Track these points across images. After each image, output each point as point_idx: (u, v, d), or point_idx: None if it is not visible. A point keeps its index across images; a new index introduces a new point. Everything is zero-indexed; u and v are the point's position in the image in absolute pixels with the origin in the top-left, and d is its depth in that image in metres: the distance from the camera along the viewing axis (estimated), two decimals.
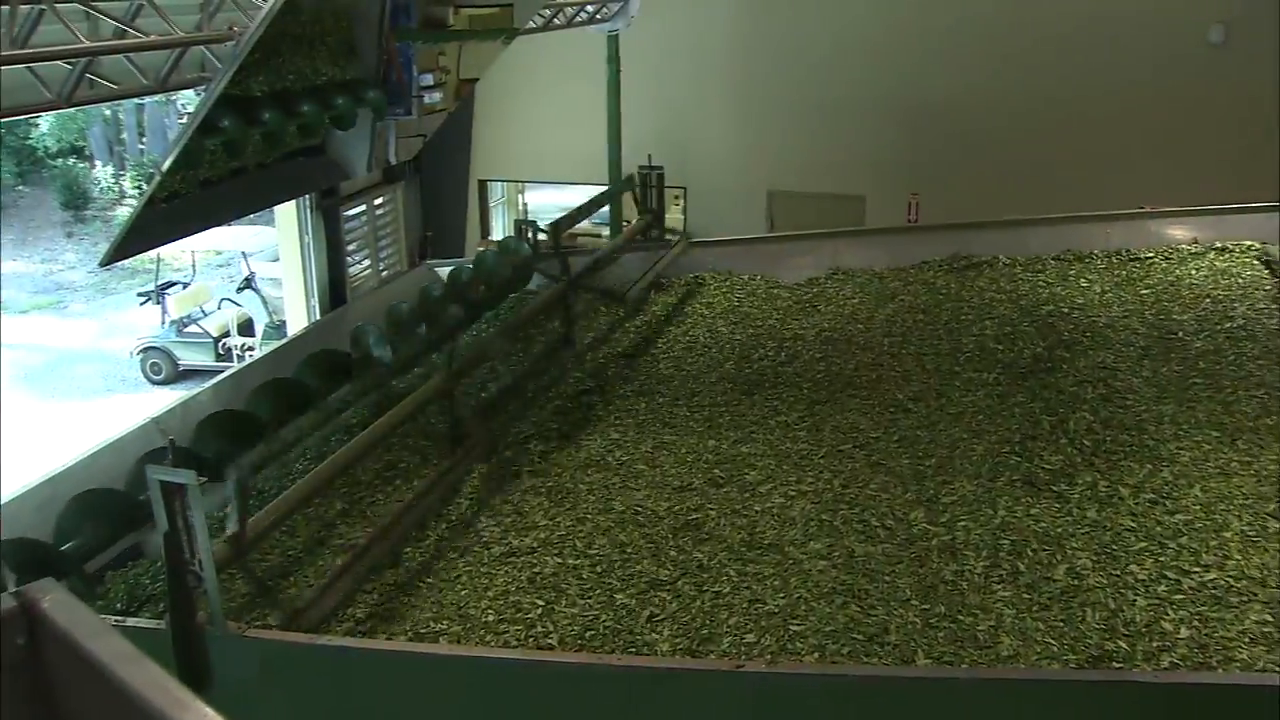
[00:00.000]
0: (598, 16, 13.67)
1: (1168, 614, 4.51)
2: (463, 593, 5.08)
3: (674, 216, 16.91)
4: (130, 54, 6.09)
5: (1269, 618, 4.43)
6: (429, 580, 5.24)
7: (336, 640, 4.64)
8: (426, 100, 10.45)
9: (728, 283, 9.07)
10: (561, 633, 4.71)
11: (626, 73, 14.58)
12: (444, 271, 9.49)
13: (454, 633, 4.80)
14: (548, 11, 12.46)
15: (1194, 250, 8.88)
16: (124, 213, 24.50)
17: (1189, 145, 16.14)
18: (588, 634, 4.69)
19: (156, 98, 12.69)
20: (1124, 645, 4.36)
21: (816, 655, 4.41)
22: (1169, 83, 16.21)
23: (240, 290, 17.90)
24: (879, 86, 16.80)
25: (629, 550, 5.27)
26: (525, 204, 19.13)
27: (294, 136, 8.06)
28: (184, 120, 7.55)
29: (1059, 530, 5.15)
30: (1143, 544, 5.00)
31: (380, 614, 5.00)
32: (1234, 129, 16.14)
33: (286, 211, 11.69)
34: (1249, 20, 16.02)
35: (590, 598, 4.93)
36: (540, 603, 4.93)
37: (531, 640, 4.69)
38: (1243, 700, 3.81)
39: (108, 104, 11.27)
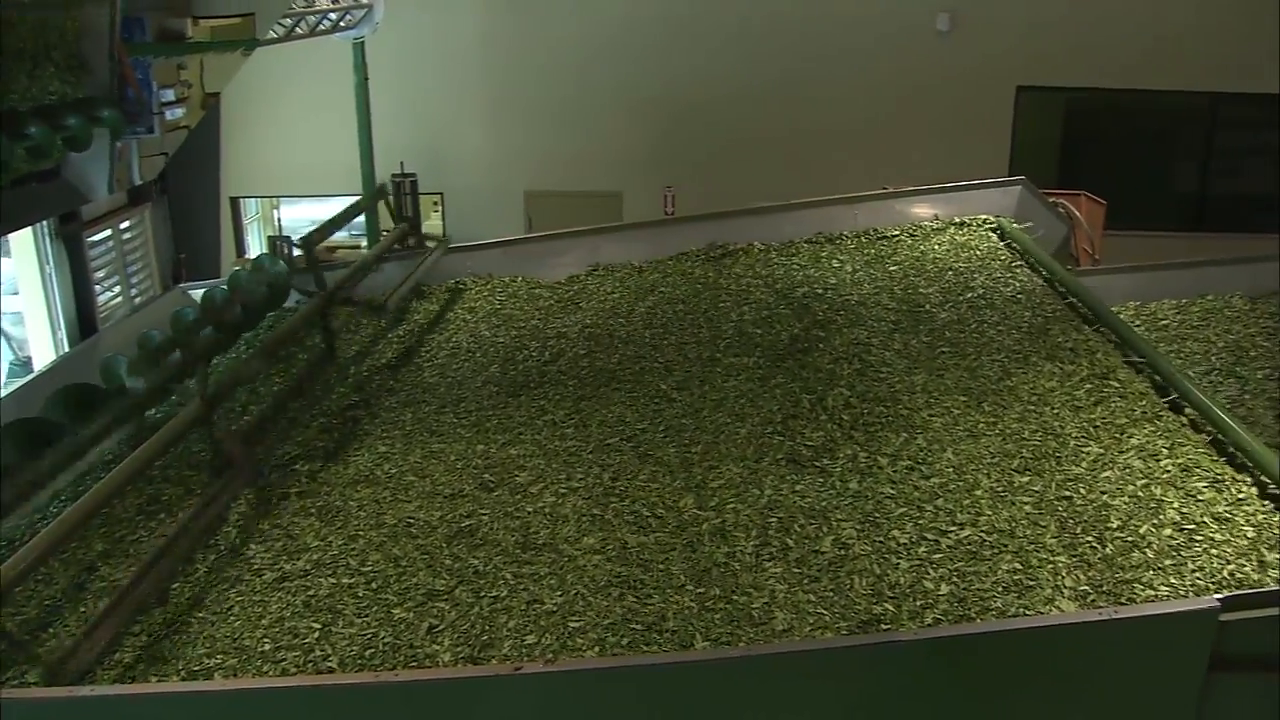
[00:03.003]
0: (341, 24, 13.43)
1: (929, 573, 4.72)
2: (236, 624, 4.88)
3: (434, 223, 16.83)
4: None
5: (1018, 566, 4.71)
6: (200, 615, 5.01)
7: (101, 690, 4.39)
8: (169, 116, 10.08)
9: (489, 286, 9.02)
10: (341, 654, 4.59)
11: (376, 80, 14.41)
12: (198, 294, 9.16)
13: (229, 666, 4.61)
14: (289, 20, 12.16)
15: (936, 226, 9.28)
16: None
17: (925, 128, 16.99)
18: (368, 653, 4.59)
19: None
20: (890, 608, 4.53)
21: (597, 650, 4.43)
22: (902, 70, 17.04)
23: None
24: (629, 83, 17.10)
25: (404, 563, 5.18)
26: (280, 219, 18.67)
27: (23, 160, 7.65)
28: None
29: (824, 504, 5.31)
30: (903, 509, 5.21)
31: (149, 656, 4.76)
32: (965, 111, 17.05)
33: (23, 240, 11.15)
34: (972, 8, 16.93)
35: (368, 615, 4.83)
36: (317, 626, 4.79)
37: (310, 665, 4.55)
38: (999, 645, 4.02)
39: None
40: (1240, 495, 5.17)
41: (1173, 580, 4.59)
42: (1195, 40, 16.93)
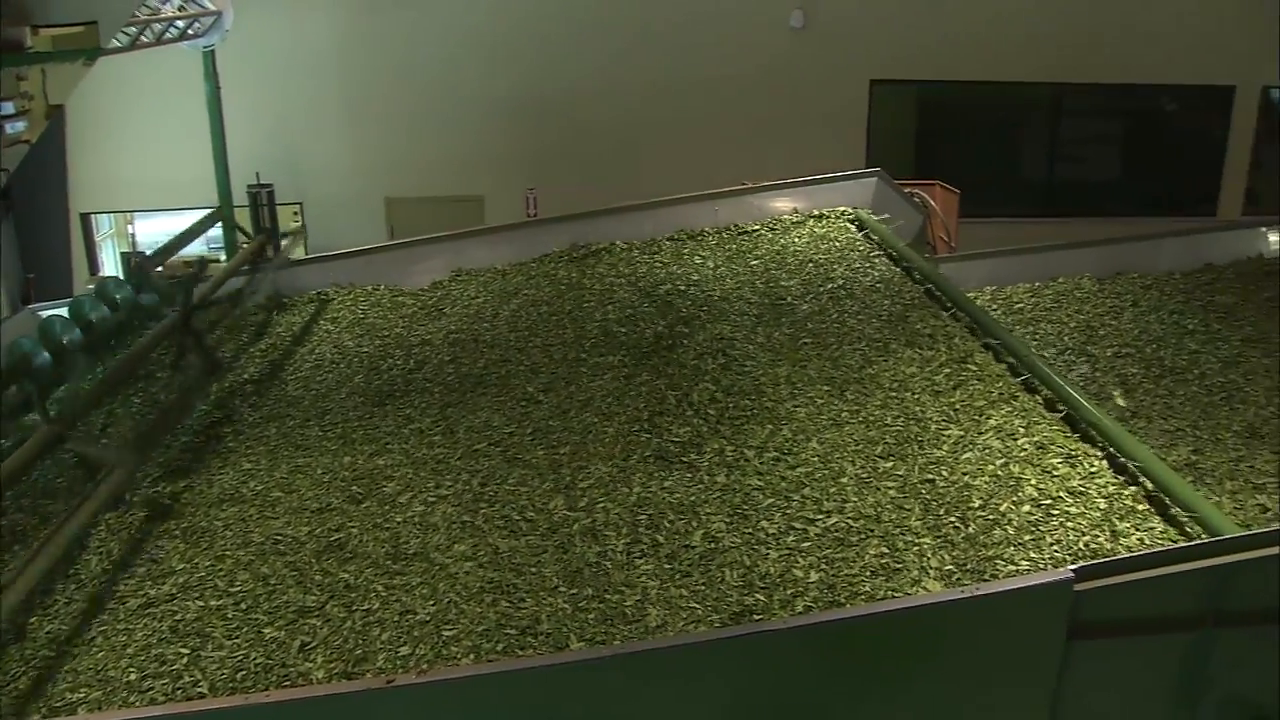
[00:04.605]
0: (189, 32, 13.06)
1: (798, 562, 4.78)
2: (99, 655, 4.74)
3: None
4: None
5: (885, 550, 4.80)
6: (60, 647, 4.86)
7: None
8: (9, 130, 9.73)
9: (351, 295, 8.88)
10: (211, 679, 4.49)
11: (230, 88, 14.01)
12: (49, 315, 8.84)
13: (94, 700, 4.46)
14: (134, 29, 11.79)
15: (795, 220, 9.40)
16: None
17: (782, 123, 17.20)
18: (239, 675, 4.49)
19: None
20: (762, 598, 4.58)
21: (472, 656, 4.41)
22: (758, 67, 17.25)
23: None
24: (488, 86, 17.04)
25: (273, 581, 5.08)
26: (134, 235, 18.16)
27: None
28: None
29: (692, 498, 5.34)
30: (770, 500, 5.27)
31: (7, 694, 4.58)
32: (821, 106, 17.32)
33: None
34: (824, 5, 17.22)
35: (238, 637, 4.73)
36: (185, 651, 4.67)
37: (179, 692, 4.43)
38: (869, 628, 4.09)
39: None
40: (1093, 469, 5.35)
41: (1033, 554, 4.73)
42: (1039, 33, 17.43)
